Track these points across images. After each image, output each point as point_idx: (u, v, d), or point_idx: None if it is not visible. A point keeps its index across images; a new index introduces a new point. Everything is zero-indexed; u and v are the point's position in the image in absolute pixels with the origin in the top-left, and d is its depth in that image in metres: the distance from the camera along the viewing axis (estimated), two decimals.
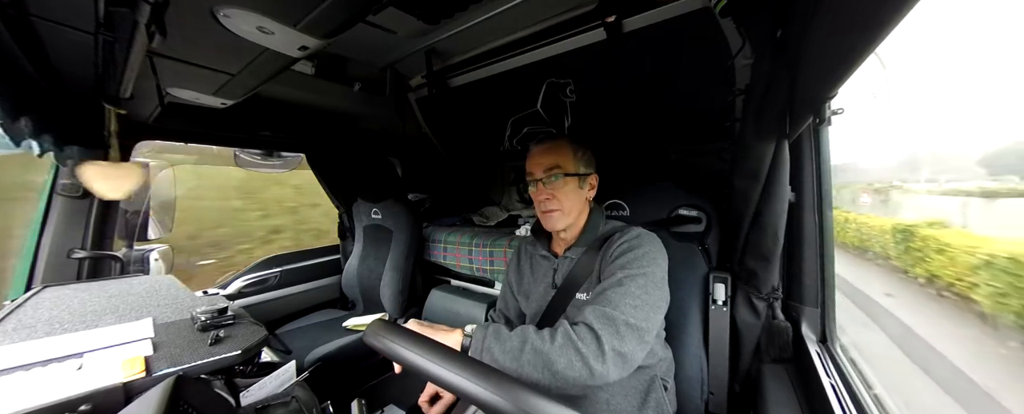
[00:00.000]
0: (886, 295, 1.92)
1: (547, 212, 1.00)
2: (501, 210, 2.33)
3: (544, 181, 1.00)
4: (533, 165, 1.02)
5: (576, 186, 1.01)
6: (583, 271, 1.00)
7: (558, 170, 0.99)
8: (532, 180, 1.02)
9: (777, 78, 0.84)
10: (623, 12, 1.18)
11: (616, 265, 0.90)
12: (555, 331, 0.77)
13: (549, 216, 1.00)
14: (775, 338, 1.04)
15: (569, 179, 0.99)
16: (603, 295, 0.84)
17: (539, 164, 1.01)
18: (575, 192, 1.01)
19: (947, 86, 2.11)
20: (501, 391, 0.48)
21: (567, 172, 0.99)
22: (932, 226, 1.78)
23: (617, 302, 0.81)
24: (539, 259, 1.14)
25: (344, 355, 1.66)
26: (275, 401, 0.81)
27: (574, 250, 1.04)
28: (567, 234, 1.06)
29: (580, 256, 1.02)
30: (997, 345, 1.36)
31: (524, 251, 1.21)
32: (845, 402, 0.77)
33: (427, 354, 0.56)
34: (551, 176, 0.99)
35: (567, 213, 1.00)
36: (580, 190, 1.02)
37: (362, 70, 1.70)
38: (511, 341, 0.76)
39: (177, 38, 0.75)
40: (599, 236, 1.03)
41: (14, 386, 0.64)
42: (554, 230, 1.04)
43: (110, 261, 1.42)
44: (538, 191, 1.01)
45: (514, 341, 0.75)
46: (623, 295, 0.82)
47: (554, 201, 0.99)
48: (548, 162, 1.00)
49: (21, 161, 1.26)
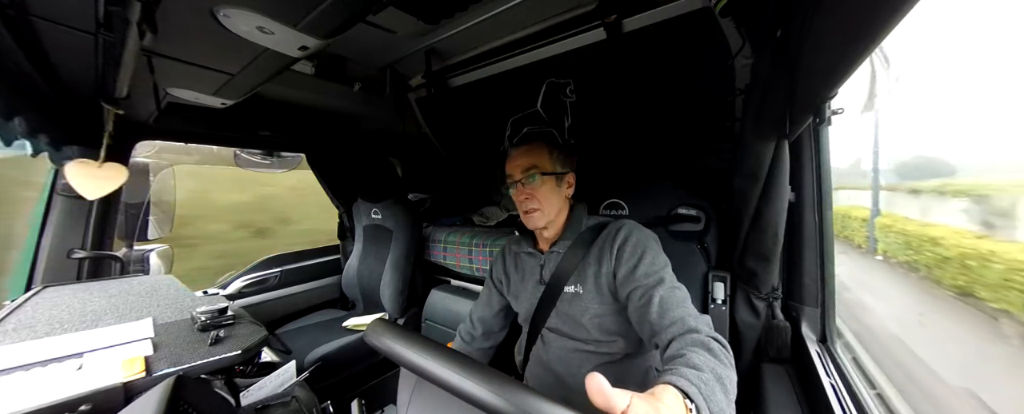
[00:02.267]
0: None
1: (528, 212, 1.03)
2: (501, 210, 2.32)
3: (523, 182, 1.02)
4: (512, 167, 1.05)
5: (554, 185, 1.03)
6: (569, 265, 1.02)
7: (535, 170, 1.01)
8: (512, 182, 1.05)
9: (777, 78, 0.84)
10: (623, 12, 1.18)
11: (640, 274, 0.90)
12: (695, 350, 0.68)
13: (530, 216, 1.03)
14: (775, 338, 1.04)
15: (546, 178, 1.02)
16: (667, 312, 0.81)
17: (517, 166, 1.04)
18: (553, 191, 1.03)
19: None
20: (501, 391, 0.48)
21: (544, 171, 1.02)
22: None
23: (692, 312, 0.81)
24: (524, 257, 1.16)
25: (344, 355, 1.66)
26: (275, 401, 0.81)
27: (560, 244, 1.06)
28: (549, 231, 1.07)
29: (566, 250, 1.04)
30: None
31: (508, 252, 1.23)
32: (845, 402, 0.77)
33: (427, 354, 0.56)
34: (529, 176, 1.01)
35: (546, 212, 1.03)
36: (558, 188, 1.04)
37: (362, 70, 1.70)
38: (710, 383, 0.62)
39: (177, 38, 0.75)
40: (584, 231, 1.05)
41: (14, 386, 0.64)
42: (536, 228, 1.06)
43: (110, 261, 1.42)
44: (518, 192, 1.04)
45: (708, 376, 0.63)
46: (684, 300, 0.83)
47: (533, 200, 1.02)
48: (525, 163, 1.03)
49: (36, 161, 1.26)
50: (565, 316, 1.02)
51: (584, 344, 0.99)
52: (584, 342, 0.99)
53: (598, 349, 0.98)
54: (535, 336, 1.09)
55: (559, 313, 1.03)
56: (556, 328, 1.04)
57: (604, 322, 0.97)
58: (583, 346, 1.00)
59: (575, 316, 1.00)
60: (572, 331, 1.01)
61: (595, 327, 0.97)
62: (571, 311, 1.01)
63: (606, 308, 0.96)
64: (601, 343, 0.98)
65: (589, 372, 0.54)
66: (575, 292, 1.01)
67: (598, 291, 0.97)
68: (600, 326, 0.97)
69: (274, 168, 2.26)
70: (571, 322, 1.01)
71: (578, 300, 1.00)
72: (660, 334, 0.79)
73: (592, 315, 0.97)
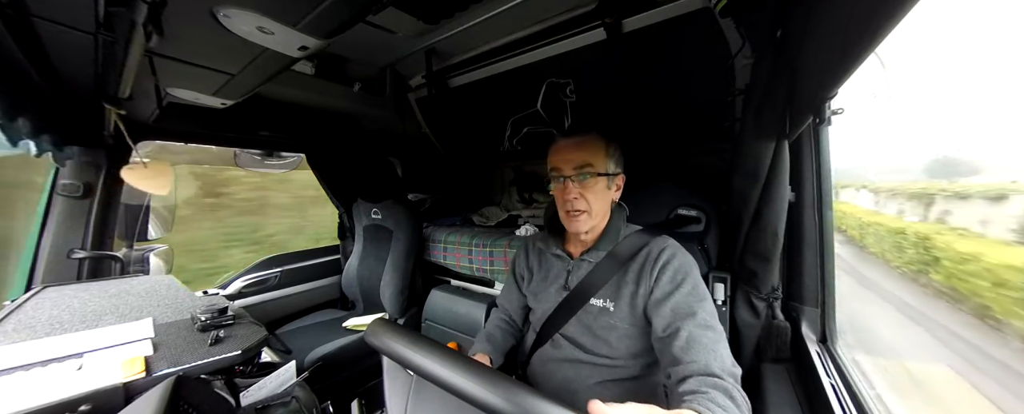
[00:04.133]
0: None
1: (573, 213, 0.92)
2: (501, 210, 2.32)
3: (573, 179, 0.91)
4: (561, 160, 0.93)
5: (605, 186, 0.94)
6: (601, 277, 0.94)
7: (590, 168, 0.90)
8: (558, 177, 0.93)
9: (777, 78, 0.84)
10: (623, 12, 1.19)
11: (674, 302, 0.84)
12: (718, 394, 0.68)
13: (575, 219, 0.93)
14: (775, 338, 1.04)
15: (599, 179, 0.92)
16: (697, 345, 0.76)
17: (568, 160, 0.92)
18: (604, 193, 0.94)
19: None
20: (500, 391, 0.48)
21: (598, 171, 0.91)
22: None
23: (722, 354, 0.76)
24: (550, 258, 1.07)
25: (344, 355, 1.66)
26: (275, 401, 0.81)
27: (593, 254, 0.98)
28: (587, 236, 0.99)
29: (599, 261, 0.96)
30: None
31: (532, 247, 1.15)
32: (845, 402, 0.77)
33: (427, 354, 0.56)
34: (581, 174, 0.90)
35: (594, 215, 0.93)
36: (608, 191, 0.95)
37: (362, 70, 1.70)
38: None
39: (177, 38, 0.75)
40: (622, 242, 0.97)
41: (14, 386, 0.64)
42: (578, 233, 0.97)
43: (110, 261, 1.42)
44: (566, 190, 0.91)
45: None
46: (714, 342, 0.77)
47: (582, 201, 0.91)
48: (579, 159, 0.91)
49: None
50: (585, 328, 0.96)
51: (600, 358, 0.94)
52: (601, 356, 0.94)
53: (614, 365, 0.93)
54: (545, 339, 1.04)
55: (580, 323, 0.97)
56: (572, 337, 0.98)
57: (633, 343, 0.91)
58: (598, 360, 0.94)
59: (597, 330, 0.94)
60: (591, 344, 0.95)
61: (621, 346, 0.92)
62: (594, 325, 0.94)
63: (637, 330, 0.91)
64: (619, 361, 0.93)
65: (598, 384, 0.54)
66: (603, 307, 0.94)
67: (632, 312, 0.90)
68: (628, 346, 0.92)
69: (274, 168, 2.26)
70: (591, 335, 0.95)
71: (606, 316, 0.93)
72: (677, 367, 0.75)
73: (621, 335, 0.91)
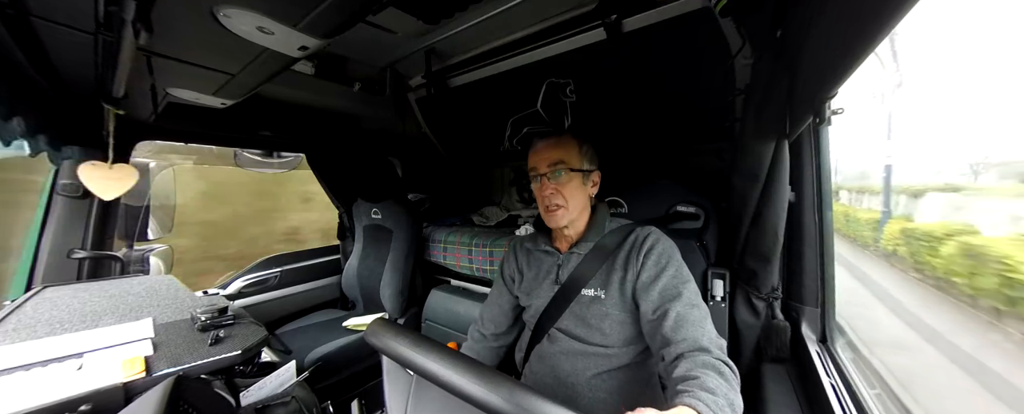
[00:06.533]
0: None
1: (551, 209, 0.99)
2: (501, 210, 2.33)
3: (548, 176, 0.98)
4: (537, 160, 1.00)
5: (580, 182, 1.00)
6: (589, 268, 0.99)
7: (563, 165, 0.97)
8: (535, 175, 1.01)
9: (777, 78, 0.84)
10: (623, 12, 1.18)
11: (661, 285, 0.89)
12: (708, 373, 0.70)
13: (553, 214, 0.99)
14: (774, 338, 1.04)
15: (573, 175, 0.98)
16: (686, 322, 0.82)
17: (543, 159, 0.99)
18: (579, 188, 1.00)
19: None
20: (500, 390, 0.48)
21: (572, 167, 0.98)
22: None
23: (709, 329, 0.82)
24: (539, 255, 1.12)
25: (344, 355, 1.66)
26: (275, 401, 0.81)
27: (581, 246, 1.03)
28: (570, 231, 1.04)
29: (587, 252, 1.01)
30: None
31: (520, 248, 1.19)
32: (845, 402, 0.77)
33: (427, 354, 0.56)
34: (555, 171, 0.97)
35: (571, 210, 0.99)
36: (584, 186, 1.01)
37: (362, 70, 1.70)
38: (724, 409, 0.65)
39: (177, 38, 0.75)
40: (607, 234, 1.02)
41: (14, 386, 0.64)
42: (557, 227, 1.02)
43: (110, 261, 1.42)
44: (542, 187, 0.99)
45: (722, 401, 0.66)
46: (701, 320, 0.83)
47: (558, 196, 0.98)
48: (553, 157, 0.98)
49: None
50: (579, 319, 0.99)
51: (595, 347, 0.97)
52: (596, 346, 0.97)
53: (608, 353, 0.96)
54: (541, 334, 1.07)
55: (573, 315, 1.01)
56: (567, 329, 1.02)
57: (625, 329, 0.95)
58: (593, 349, 0.97)
59: (591, 320, 0.97)
60: (585, 334, 0.98)
61: (615, 333, 0.95)
62: (587, 315, 0.98)
63: (629, 316, 0.95)
64: (613, 348, 0.96)
65: (595, 376, 0.56)
66: (595, 296, 0.98)
67: (622, 298, 0.95)
68: (621, 333, 0.95)
69: (275, 168, 2.26)
70: (585, 325, 0.98)
71: (598, 305, 0.97)
72: (669, 347, 0.79)
73: (614, 321, 0.95)
